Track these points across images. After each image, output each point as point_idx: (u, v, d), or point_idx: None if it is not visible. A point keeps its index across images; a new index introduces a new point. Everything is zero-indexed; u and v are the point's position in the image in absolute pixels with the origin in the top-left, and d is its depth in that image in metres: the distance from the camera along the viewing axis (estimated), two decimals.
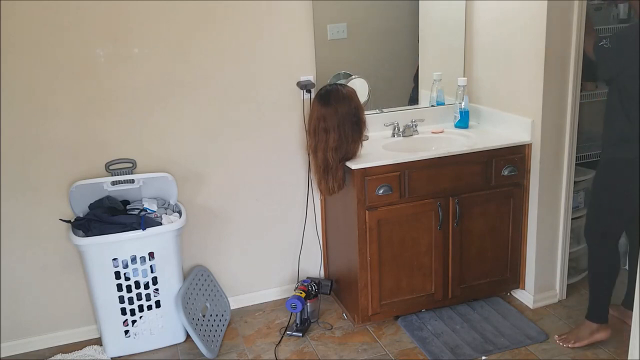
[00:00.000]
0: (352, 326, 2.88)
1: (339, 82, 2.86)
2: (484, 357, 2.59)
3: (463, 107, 3.05)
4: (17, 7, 2.42)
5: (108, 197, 2.69)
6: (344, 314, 2.99)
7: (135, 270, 2.61)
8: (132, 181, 2.67)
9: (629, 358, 1.63)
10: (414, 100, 3.22)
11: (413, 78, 3.22)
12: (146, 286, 2.65)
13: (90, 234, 2.52)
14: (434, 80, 3.14)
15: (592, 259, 2.62)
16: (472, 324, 2.82)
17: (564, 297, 3.01)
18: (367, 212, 2.63)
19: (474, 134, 2.96)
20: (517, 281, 3.00)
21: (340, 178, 2.65)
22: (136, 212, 2.67)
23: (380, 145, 2.86)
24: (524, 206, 2.88)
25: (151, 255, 2.62)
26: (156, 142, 2.77)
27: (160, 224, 2.61)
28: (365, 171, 2.59)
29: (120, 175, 2.67)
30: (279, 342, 2.78)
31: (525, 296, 3.00)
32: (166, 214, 2.70)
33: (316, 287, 2.91)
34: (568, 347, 2.62)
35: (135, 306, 2.66)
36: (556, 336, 2.69)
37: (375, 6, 3.05)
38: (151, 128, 2.75)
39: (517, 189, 2.85)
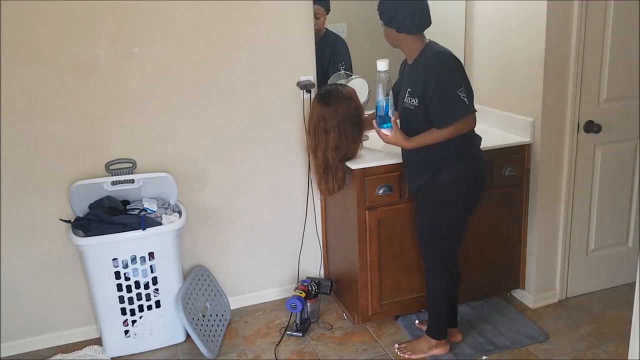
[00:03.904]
0: (352, 326, 2.88)
1: (339, 82, 2.86)
2: (484, 357, 2.59)
3: None
4: (17, 7, 2.42)
5: (108, 197, 2.69)
6: (344, 314, 2.99)
7: (135, 270, 2.61)
8: (132, 181, 2.68)
9: (629, 358, 1.63)
10: None
11: None
12: (146, 286, 2.65)
13: (90, 234, 2.52)
14: None
15: (433, 278, 2.54)
16: (472, 324, 2.82)
17: (564, 297, 3.01)
18: (367, 212, 2.63)
19: None
20: (517, 281, 3.00)
21: (340, 178, 2.65)
22: (136, 212, 2.67)
23: (380, 145, 2.85)
24: (524, 206, 2.88)
25: (151, 255, 2.62)
26: (156, 142, 2.77)
27: (160, 224, 2.61)
28: (365, 171, 2.59)
29: (120, 175, 2.67)
30: (279, 342, 2.78)
31: (525, 296, 3.00)
32: (166, 214, 2.70)
33: (316, 287, 2.91)
34: (404, 357, 2.57)
35: (135, 306, 2.66)
36: (396, 345, 2.65)
37: (375, 6, 3.03)
38: (151, 128, 2.75)
39: (517, 189, 2.85)
